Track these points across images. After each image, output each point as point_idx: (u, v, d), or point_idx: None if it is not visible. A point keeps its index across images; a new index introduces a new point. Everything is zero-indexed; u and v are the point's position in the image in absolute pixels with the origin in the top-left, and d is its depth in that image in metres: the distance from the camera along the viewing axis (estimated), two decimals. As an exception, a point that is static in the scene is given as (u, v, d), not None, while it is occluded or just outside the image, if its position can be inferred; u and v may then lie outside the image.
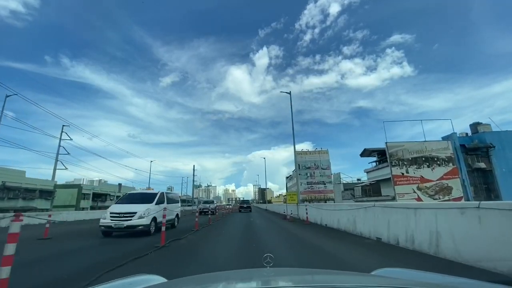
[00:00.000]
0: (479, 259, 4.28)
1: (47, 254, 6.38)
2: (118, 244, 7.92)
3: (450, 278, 1.36)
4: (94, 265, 5.07)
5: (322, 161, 66.31)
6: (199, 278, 1.61)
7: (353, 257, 5.74)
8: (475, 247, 4.42)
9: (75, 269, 4.90)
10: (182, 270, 4.65)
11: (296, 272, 1.87)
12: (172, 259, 5.65)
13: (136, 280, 1.41)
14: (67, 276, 4.37)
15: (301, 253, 6.49)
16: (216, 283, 1.33)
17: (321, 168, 65.52)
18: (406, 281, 1.13)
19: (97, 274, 4.09)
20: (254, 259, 5.20)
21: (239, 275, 1.59)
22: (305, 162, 66.21)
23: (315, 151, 67.77)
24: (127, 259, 5.26)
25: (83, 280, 3.77)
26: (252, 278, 1.39)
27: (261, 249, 6.51)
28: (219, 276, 1.67)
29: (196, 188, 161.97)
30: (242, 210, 32.39)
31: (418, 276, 1.40)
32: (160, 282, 1.34)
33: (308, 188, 63.93)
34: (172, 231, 10.73)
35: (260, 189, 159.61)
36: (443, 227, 5.13)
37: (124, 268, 4.63)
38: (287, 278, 1.43)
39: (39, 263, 5.46)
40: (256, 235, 10.09)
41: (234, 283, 1.33)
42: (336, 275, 1.58)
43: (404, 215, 6.41)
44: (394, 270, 1.55)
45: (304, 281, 1.25)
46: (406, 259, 5.27)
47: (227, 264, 5.29)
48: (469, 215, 4.60)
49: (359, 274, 1.64)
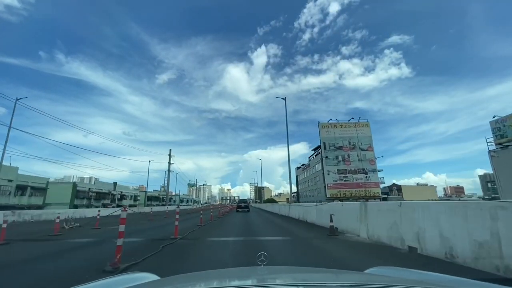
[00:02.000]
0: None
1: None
2: None
3: (443, 277, 1.32)
4: None
5: (361, 138, 43.93)
6: (193, 276, 1.59)
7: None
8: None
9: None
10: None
11: (290, 270, 1.82)
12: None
13: (129, 278, 1.37)
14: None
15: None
16: (210, 281, 1.32)
17: (360, 149, 43.45)
18: (398, 279, 1.18)
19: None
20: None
21: (233, 273, 1.60)
22: (334, 139, 44.44)
23: (349, 123, 45.27)
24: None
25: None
26: (246, 276, 1.38)
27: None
28: (213, 274, 1.63)
29: (191, 187, 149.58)
30: (239, 210, 30.32)
31: (410, 274, 1.41)
32: (153, 279, 1.33)
33: (339, 179, 42.75)
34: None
35: (257, 188, 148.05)
36: None
37: None
38: (281, 276, 1.41)
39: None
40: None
41: (228, 281, 1.28)
42: (329, 273, 1.58)
43: None
44: (387, 269, 1.56)
45: (297, 279, 1.28)
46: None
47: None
48: None
49: (351, 272, 1.65)
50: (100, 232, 10.02)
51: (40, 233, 9.47)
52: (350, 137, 44.11)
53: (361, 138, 43.90)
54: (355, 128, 44.49)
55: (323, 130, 44.73)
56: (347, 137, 44.03)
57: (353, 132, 44.23)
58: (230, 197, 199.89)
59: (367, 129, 44.73)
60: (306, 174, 59.73)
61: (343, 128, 44.43)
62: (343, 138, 43.16)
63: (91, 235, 8.90)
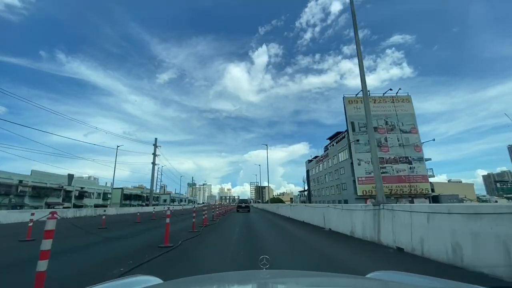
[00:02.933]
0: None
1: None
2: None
3: (446, 282, 1.29)
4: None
5: (401, 117, 33.04)
6: (195, 279, 1.60)
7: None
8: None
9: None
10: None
11: (292, 274, 1.82)
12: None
13: (132, 281, 1.39)
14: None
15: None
16: (212, 284, 1.33)
17: (401, 130, 32.71)
18: (401, 285, 1.19)
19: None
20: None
21: (235, 277, 1.60)
22: (365, 118, 33.25)
23: (385, 97, 34.19)
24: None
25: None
26: (248, 280, 1.39)
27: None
28: (215, 277, 1.65)
29: (190, 187, 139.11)
30: (240, 210, 28.83)
31: (413, 280, 1.38)
32: (156, 283, 1.33)
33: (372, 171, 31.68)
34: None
35: (258, 187, 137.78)
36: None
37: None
38: (283, 280, 1.41)
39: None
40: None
41: (230, 284, 1.32)
42: (331, 277, 1.57)
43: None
44: (389, 273, 1.53)
45: (299, 283, 1.30)
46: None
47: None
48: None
49: (353, 276, 1.64)
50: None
51: None
52: (387, 115, 33.49)
53: (401, 117, 33.28)
54: (393, 104, 33.89)
55: (350, 107, 34.09)
56: (382, 115, 33.40)
57: (390, 109, 33.61)
58: (230, 197, 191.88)
59: (409, 105, 34.12)
60: (322, 168, 48.99)
61: (377, 104, 33.79)
62: (377, 117, 32.52)
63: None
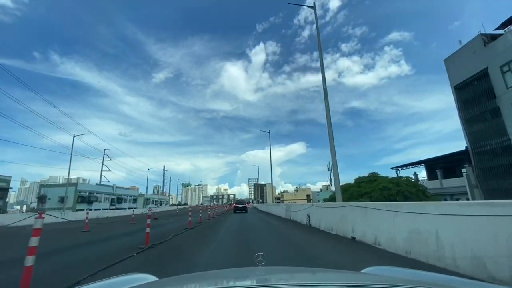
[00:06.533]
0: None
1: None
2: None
3: (441, 277, 1.32)
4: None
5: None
6: (191, 276, 1.61)
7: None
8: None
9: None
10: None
11: (287, 270, 1.80)
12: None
13: (127, 279, 1.36)
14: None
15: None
16: (208, 281, 1.32)
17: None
18: (395, 279, 1.14)
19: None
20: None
21: (231, 274, 1.58)
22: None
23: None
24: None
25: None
26: (244, 277, 1.37)
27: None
28: (211, 274, 1.63)
29: (185, 187, 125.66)
30: (237, 211, 28.43)
31: (408, 274, 1.37)
32: (151, 280, 1.32)
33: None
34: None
35: (258, 186, 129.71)
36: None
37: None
38: (278, 276, 1.39)
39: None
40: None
41: (225, 281, 1.28)
42: (326, 273, 1.60)
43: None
44: (384, 268, 1.52)
45: (294, 279, 1.26)
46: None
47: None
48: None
49: (348, 272, 1.64)
50: None
51: None
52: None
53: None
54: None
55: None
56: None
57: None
58: (225, 196, 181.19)
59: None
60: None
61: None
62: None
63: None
